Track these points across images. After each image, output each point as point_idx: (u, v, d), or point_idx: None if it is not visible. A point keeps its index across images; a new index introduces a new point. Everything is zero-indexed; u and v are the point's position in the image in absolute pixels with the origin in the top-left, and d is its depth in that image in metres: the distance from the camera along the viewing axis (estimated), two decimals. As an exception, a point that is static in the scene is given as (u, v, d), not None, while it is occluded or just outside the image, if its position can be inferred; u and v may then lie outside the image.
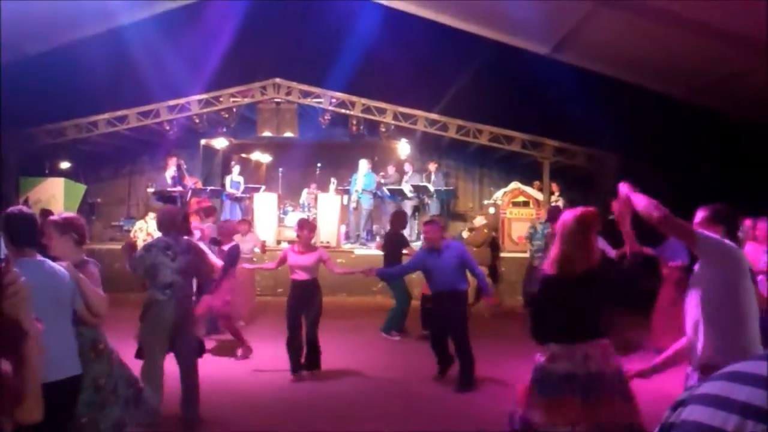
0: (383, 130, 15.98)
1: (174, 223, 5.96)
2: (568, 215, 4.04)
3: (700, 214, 3.82)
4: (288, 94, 15.60)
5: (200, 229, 9.55)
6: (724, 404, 1.03)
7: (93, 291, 3.86)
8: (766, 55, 9.93)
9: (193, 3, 14.38)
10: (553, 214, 10.06)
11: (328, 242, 14.61)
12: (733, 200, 4.04)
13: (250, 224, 11.80)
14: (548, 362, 3.90)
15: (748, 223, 6.66)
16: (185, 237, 6.18)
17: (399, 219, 10.93)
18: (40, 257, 3.65)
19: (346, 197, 16.05)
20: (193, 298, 6.32)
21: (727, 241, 3.53)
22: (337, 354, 8.51)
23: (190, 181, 15.11)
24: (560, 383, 3.81)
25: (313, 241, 8.26)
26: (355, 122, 15.85)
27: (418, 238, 13.68)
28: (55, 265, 3.65)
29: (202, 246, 6.80)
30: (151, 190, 15.31)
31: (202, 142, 17.63)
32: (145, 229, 11.77)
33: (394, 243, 10.34)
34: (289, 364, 7.69)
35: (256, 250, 11.13)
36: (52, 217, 4.19)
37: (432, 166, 16.04)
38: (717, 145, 13.72)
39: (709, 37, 10.64)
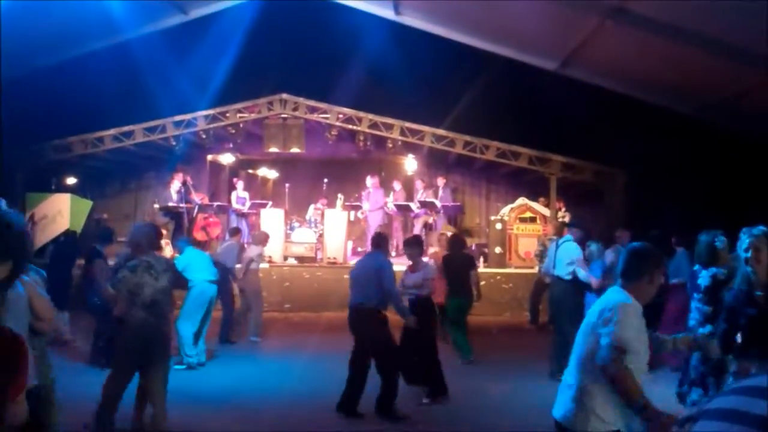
0: (390, 145, 15.96)
1: (152, 243, 6.05)
2: None
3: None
4: (295, 109, 15.60)
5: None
6: (742, 418, 0.98)
7: (38, 296, 3.96)
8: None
9: (200, 18, 14.43)
10: (561, 230, 9.99)
11: (335, 258, 14.59)
12: (742, 217, 3.97)
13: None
14: None
15: None
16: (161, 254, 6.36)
17: (459, 242, 10.44)
18: None
19: (353, 213, 16.03)
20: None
21: None
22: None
23: (196, 197, 15.14)
24: None
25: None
26: (362, 138, 15.84)
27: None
28: None
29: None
30: (157, 205, 15.32)
31: (209, 157, 17.66)
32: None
33: (458, 265, 9.67)
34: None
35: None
36: None
37: (440, 181, 16.01)
38: (725, 162, 13.63)
39: (717, 53, 10.59)
